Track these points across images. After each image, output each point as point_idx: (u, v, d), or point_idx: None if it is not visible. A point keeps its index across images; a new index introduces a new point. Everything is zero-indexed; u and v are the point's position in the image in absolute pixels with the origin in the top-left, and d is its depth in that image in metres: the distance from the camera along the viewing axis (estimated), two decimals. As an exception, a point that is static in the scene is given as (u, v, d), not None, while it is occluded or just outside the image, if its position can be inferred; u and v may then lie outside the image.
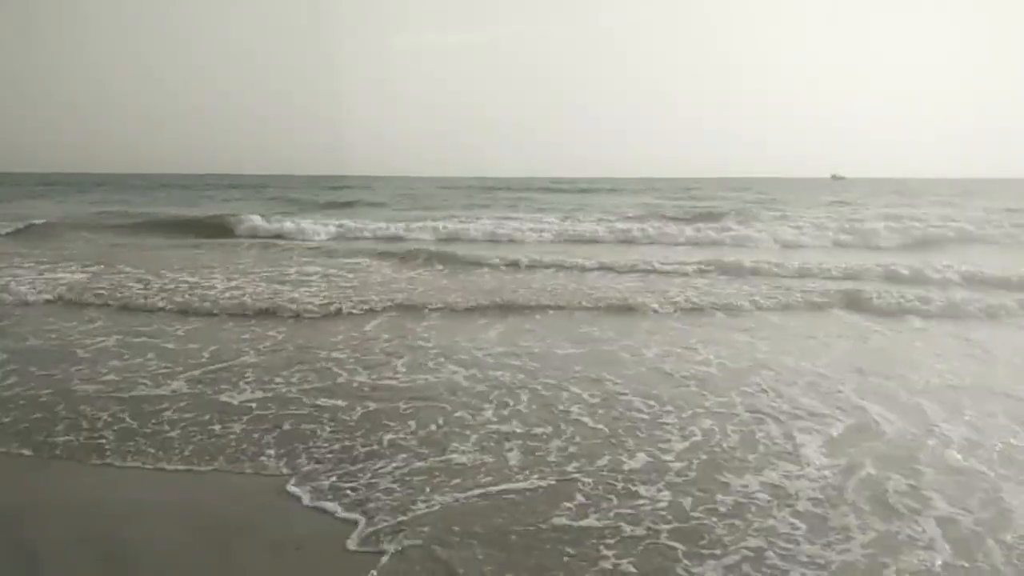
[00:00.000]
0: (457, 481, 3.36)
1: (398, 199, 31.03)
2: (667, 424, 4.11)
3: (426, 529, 2.92)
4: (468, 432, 3.98)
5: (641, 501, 3.18)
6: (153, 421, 4.12)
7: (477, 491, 3.26)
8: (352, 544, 2.82)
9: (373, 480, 3.37)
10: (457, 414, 4.26)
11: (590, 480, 3.38)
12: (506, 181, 62.45)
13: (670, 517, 3.04)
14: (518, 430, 4.00)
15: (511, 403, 4.47)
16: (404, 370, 5.18)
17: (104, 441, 3.84)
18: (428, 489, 3.27)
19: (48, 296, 7.75)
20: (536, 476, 3.42)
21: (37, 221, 16.10)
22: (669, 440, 3.86)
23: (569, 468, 3.51)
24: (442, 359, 5.47)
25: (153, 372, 5.07)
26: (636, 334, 6.39)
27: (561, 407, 4.41)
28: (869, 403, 4.48)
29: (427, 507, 3.10)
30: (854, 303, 7.67)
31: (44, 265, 10.24)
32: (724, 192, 40.77)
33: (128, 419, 4.15)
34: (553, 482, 3.37)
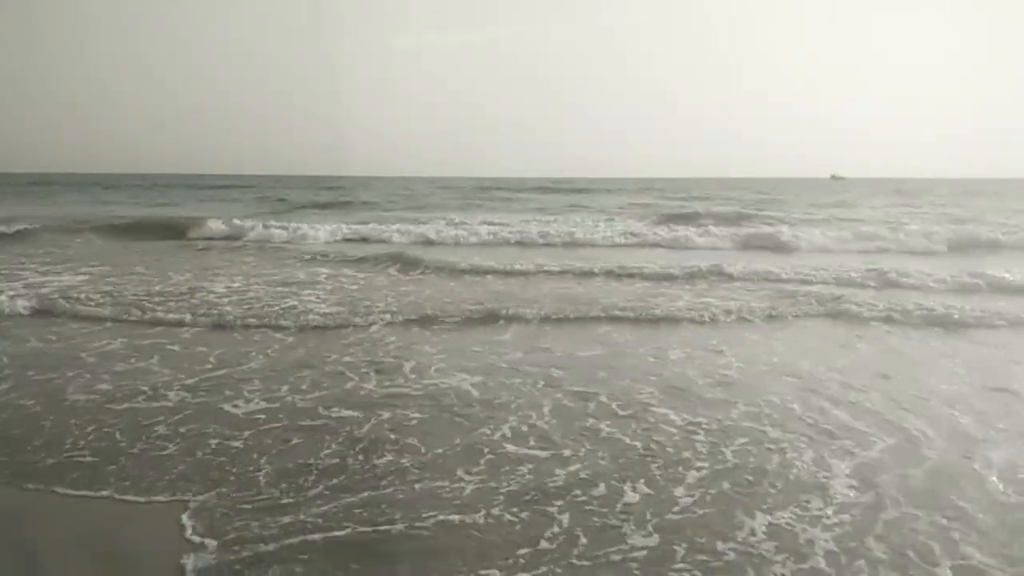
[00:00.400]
0: (399, 514, 2.99)
1: (393, 200, 30.80)
2: (699, 442, 3.85)
3: (305, 557, 2.65)
4: (484, 450, 3.71)
5: (617, 548, 2.73)
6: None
7: (405, 524, 2.90)
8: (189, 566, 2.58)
9: (307, 509, 3.04)
10: (477, 431, 3.98)
11: (569, 516, 3.00)
12: (505, 181, 62.21)
13: (638, 573, 2.58)
14: (541, 453, 3.70)
15: (533, 416, 4.22)
16: (414, 376, 4.97)
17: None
18: (354, 522, 2.93)
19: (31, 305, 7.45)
20: (499, 507, 3.05)
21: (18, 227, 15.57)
22: (692, 463, 3.55)
23: (558, 498, 3.16)
24: (457, 368, 5.24)
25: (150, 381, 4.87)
26: (656, 342, 6.17)
27: (591, 419, 4.17)
28: (902, 416, 4.23)
29: (294, 542, 2.76)
30: (869, 310, 7.33)
31: (42, 268, 10.00)
32: (725, 192, 40.53)
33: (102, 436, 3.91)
34: (524, 516, 2.99)
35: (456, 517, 3.00)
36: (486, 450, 3.71)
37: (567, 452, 3.69)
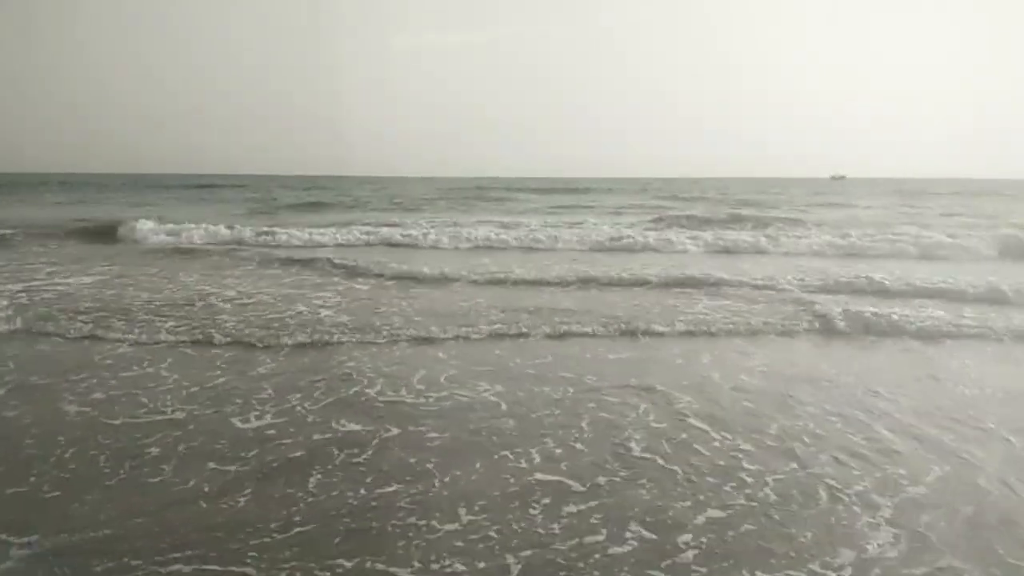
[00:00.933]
0: (295, 563, 2.62)
1: (388, 200, 30.60)
2: (733, 468, 3.49)
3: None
4: (509, 478, 3.32)
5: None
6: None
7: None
8: None
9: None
10: (500, 453, 3.61)
11: (523, 570, 2.58)
12: (505, 181, 62.00)
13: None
14: (574, 485, 3.27)
15: (572, 433, 3.88)
16: (422, 387, 4.62)
17: None
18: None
19: None
20: (452, 557, 2.65)
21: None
22: (717, 496, 3.14)
23: (536, 546, 2.74)
24: (484, 382, 4.89)
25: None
26: (681, 354, 5.83)
27: (622, 436, 3.82)
28: (953, 438, 3.86)
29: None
30: (908, 322, 6.76)
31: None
32: (725, 193, 40.11)
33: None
34: (479, 568, 2.59)
35: (381, 567, 2.59)
36: (512, 479, 3.32)
37: (602, 479, 3.32)
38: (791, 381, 4.89)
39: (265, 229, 14.81)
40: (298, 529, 2.84)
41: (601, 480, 3.31)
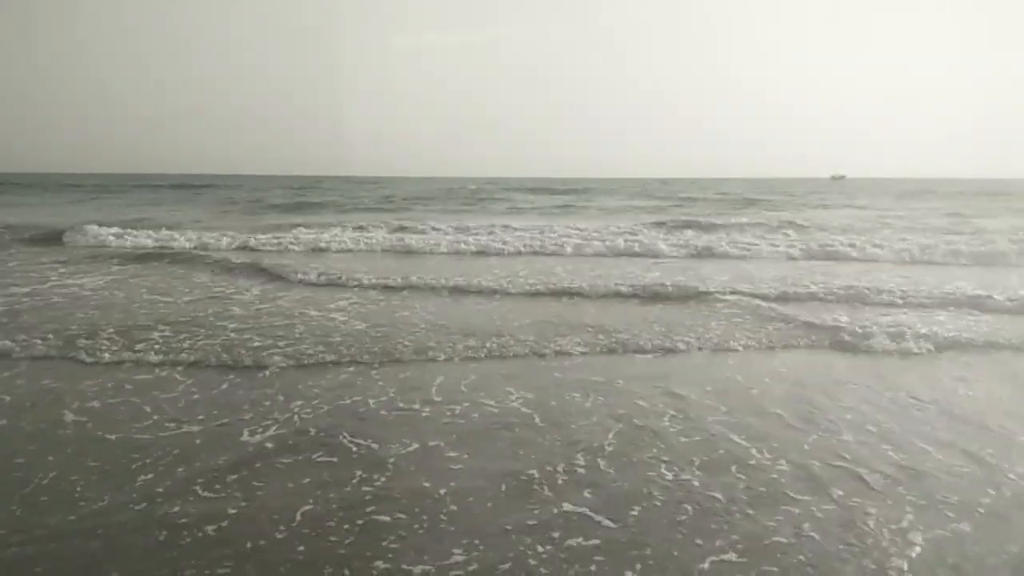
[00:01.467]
0: None
1: (380, 200, 30.33)
2: (767, 492, 3.28)
3: None
4: (535, 510, 3.03)
5: None
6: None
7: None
8: None
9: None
10: (528, 472, 3.38)
11: None
12: (504, 181, 61.98)
13: None
14: (599, 518, 2.98)
15: (601, 444, 3.69)
16: (440, 399, 4.43)
17: None
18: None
19: None
20: None
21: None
22: (740, 527, 2.88)
23: None
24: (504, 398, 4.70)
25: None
26: (704, 370, 5.75)
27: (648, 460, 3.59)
28: (994, 458, 3.63)
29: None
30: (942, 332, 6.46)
31: None
32: (726, 194, 39.91)
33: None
34: None
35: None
36: (536, 509, 3.03)
37: (633, 510, 3.07)
38: (823, 395, 4.69)
39: (260, 235, 14.44)
40: (222, 570, 2.54)
41: (634, 511, 3.03)
